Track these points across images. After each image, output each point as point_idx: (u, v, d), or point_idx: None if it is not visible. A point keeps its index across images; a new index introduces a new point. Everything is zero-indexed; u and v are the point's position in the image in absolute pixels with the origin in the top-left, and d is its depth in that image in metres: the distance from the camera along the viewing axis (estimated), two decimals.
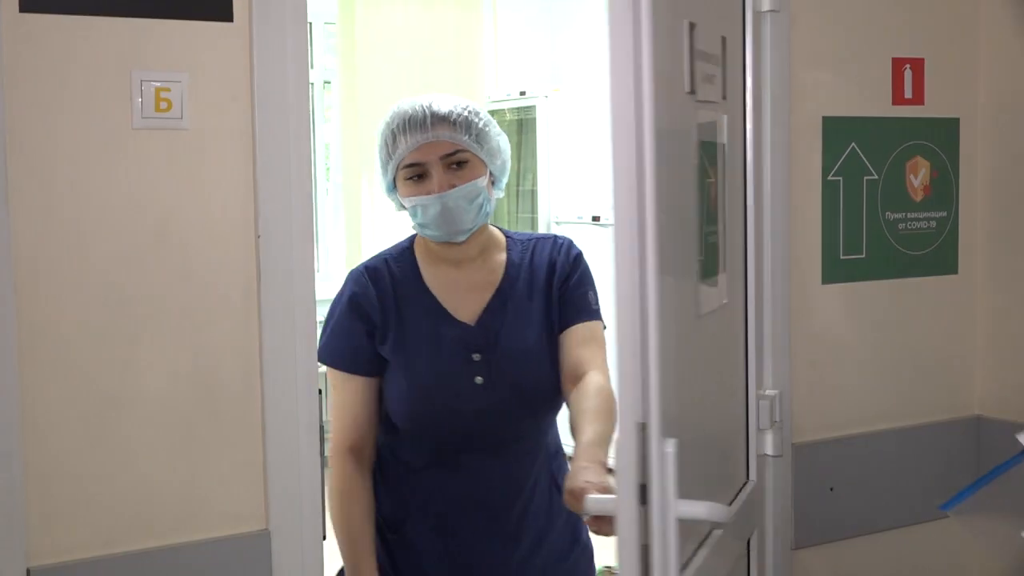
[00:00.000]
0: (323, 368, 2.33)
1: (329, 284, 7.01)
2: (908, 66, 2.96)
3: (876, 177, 2.94)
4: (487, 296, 2.26)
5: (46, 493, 2.17)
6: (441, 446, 2.25)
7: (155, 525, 2.26)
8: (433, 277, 2.28)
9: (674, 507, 1.59)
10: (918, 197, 3.01)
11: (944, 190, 3.04)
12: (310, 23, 5.08)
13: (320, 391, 2.43)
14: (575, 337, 2.22)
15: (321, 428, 2.42)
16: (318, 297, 2.42)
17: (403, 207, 2.27)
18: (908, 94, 2.97)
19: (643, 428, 1.59)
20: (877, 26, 2.93)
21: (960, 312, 3.10)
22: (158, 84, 2.22)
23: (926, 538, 3.06)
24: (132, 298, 2.22)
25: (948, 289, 3.08)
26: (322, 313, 2.35)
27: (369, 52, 6.93)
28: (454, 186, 2.19)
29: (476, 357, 2.22)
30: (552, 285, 2.26)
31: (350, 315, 2.27)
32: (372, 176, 7.00)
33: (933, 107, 3.01)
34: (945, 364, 3.09)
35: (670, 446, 1.56)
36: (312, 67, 6.97)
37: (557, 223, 6.79)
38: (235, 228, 2.30)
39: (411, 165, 2.22)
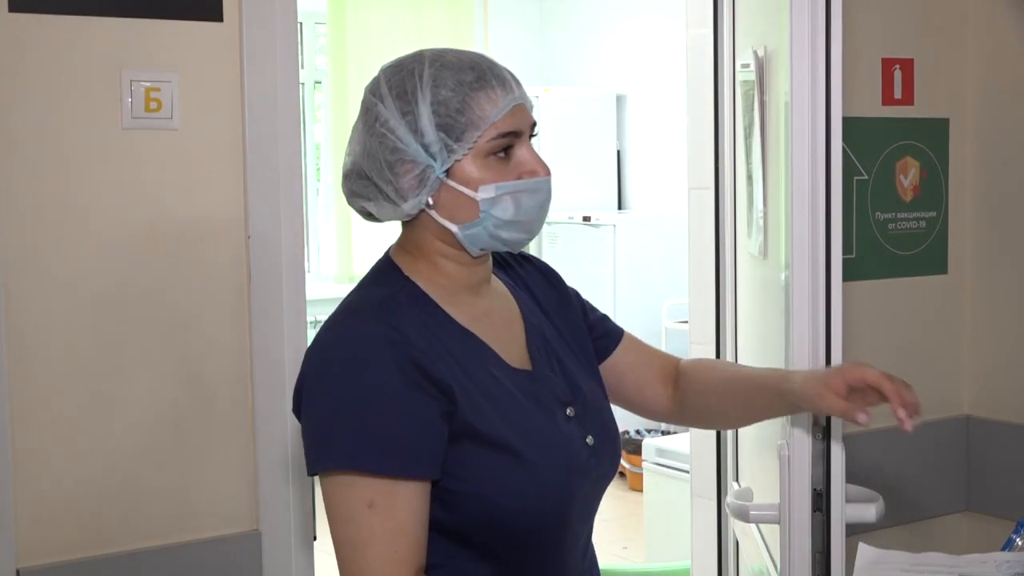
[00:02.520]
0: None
1: (320, 285, 7.02)
2: (897, 66, 2.97)
3: (866, 177, 2.94)
4: (519, 331, 1.67)
5: (36, 494, 2.16)
6: (541, 544, 1.58)
7: (145, 526, 2.25)
8: (460, 314, 1.60)
9: (843, 512, 1.62)
10: (908, 197, 3.01)
11: (934, 190, 3.05)
12: (300, 23, 5.07)
13: None
14: (631, 349, 1.82)
15: None
16: (308, 298, 2.42)
17: (423, 206, 1.56)
18: (898, 94, 2.97)
19: (824, 432, 1.63)
20: (866, 27, 2.93)
21: (949, 312, 3.10)
22: (148, 84, 2.22)
23: (917, 538, 3.07)
24: (122, 298, 2.22)
25: (937, 289, 3.08)
26: (312, 314, 2.32)
27: (359, 52, 6.92)
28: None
29: (570, 412, 1.62)
30: (568, 317, 1.76)
31: (406, 390, 1.48)
32: None
33: (922, 107, 3.01)
34: (934, 364, 3.10)
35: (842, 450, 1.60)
36: (302, 67, 6.96)
37: (548, 223, 6.79)
38: (225, 228, 2.30)
39: (507, 134, 1.54)
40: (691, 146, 3.06)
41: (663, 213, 6.49)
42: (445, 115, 1.51)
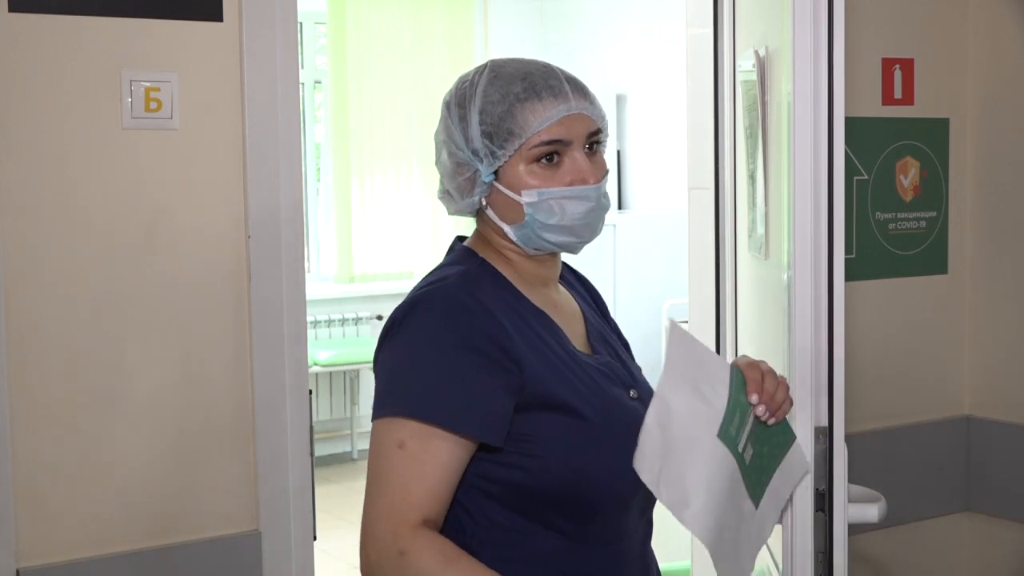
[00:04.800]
0: (316, 368, 2.13)
1: (320, 285, 7.02)
2: (898, 66, 2.97)
3: (866, 177, 2.94)
4: (582, 326, 1.78)
5: (36, 494, 2.16)
6: (607, 518, 1.67)
7: (145, 526, 2.25)
8: (533, 298, 1.71)
9: (846, 511, 1.62)
10: (908, 197, 3.01)
11: (934, 190, 3.05)
12: (300, 23, 5.07)
13: (310, 391, 2.42)
14: None
15: (311, 428, 2.42)
16: (308, 298, 2.42)
17: (477, 208, 1.69)
18: (898, 94, 2.97)
19: (826, 433, 1.63)
20: (867, 27, 2.93)
21: (950, 312, 3.10)
22: (148, 84, 2.21)
23: (915, 538, 3.07)
24: (122, 298, 2.22)
25: (938, 289, 3.08)
26: (312, 314, 2.33)
27: (360, 52, 6.92)
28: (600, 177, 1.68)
29: (633, 394, 1.72)
30: (608, 319, 1.89)
31: (469, 354, 1.58)
32: (363, 177, 7.00)
33: (923, 107, 3.01)
34: (935, 364, 3.10)
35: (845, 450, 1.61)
36: (302, 67, 6.96)
37: None
38: (225, 228, 2.30)
39: (550, 142, 1.64)
40: (691, 146, 3.06)
41: (663, 213, 6.49)
42: (489, 123, 1.64)
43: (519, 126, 1.63)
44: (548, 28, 7.49)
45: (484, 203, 1.68)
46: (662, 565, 1.74)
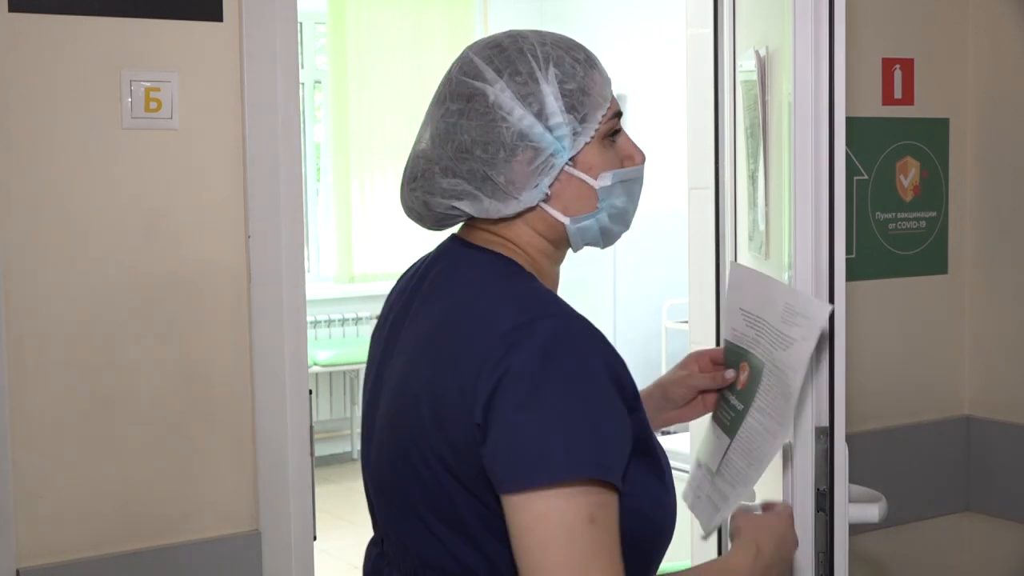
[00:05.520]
0: (316, 368, 1.98)
1: (320, 285, 7.02)
2: (898, 66, 2.97)
3: (866, 177, 2.94)
4: None
5: (35, 494, 2.16)
6: (654, 567, 1.47)
7: (145, 526, 2.25)
8: None
9: (847, 511, 1.62)
10: (908, 197, 3.01)
11: (934, 190, 3.05)
12: (300, 23, 5.07)
13: (310, 391, 2.42)
14: None
15: (311, 428, 2.42)
16: (308, 298, 2.41)
17: (543, 196, 1.40)
18: (898, 94, 2.97)
19: (826, 433, 1.64)
20: (867, 27, 2.93)
21: (950, 312, 3.10)
22: (148, 84, 2.21)
23: (915, 538, 3.07)
24: (122, 298, 2.22)
25: (938, 289, 3.08)
26: (312, 314, 2.33)
27: (360, 52, 6.93)
28: None
29: None
30: None
31: (616, 397, 1.32)
32: (363, 177, 7.00)
33: (923, 107, 3.01)
34: (935, 364, 3.10)
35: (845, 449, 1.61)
36: (302, 67, 6.96)
37: None
38: (225, 228, 2.30)
39: (619, 114, 1.45)
40: (691, 146, 3.06)
41: (663, 213, 6.49)
42: (570, 95, 1.38)
43: (600, 96, 1.40)
44: (548, 28, 7.48)
45: (548, 194, 1.39)
46: (662, 565, 1.75)
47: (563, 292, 1.47)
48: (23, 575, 2.15)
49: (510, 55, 1.40)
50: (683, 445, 3.92)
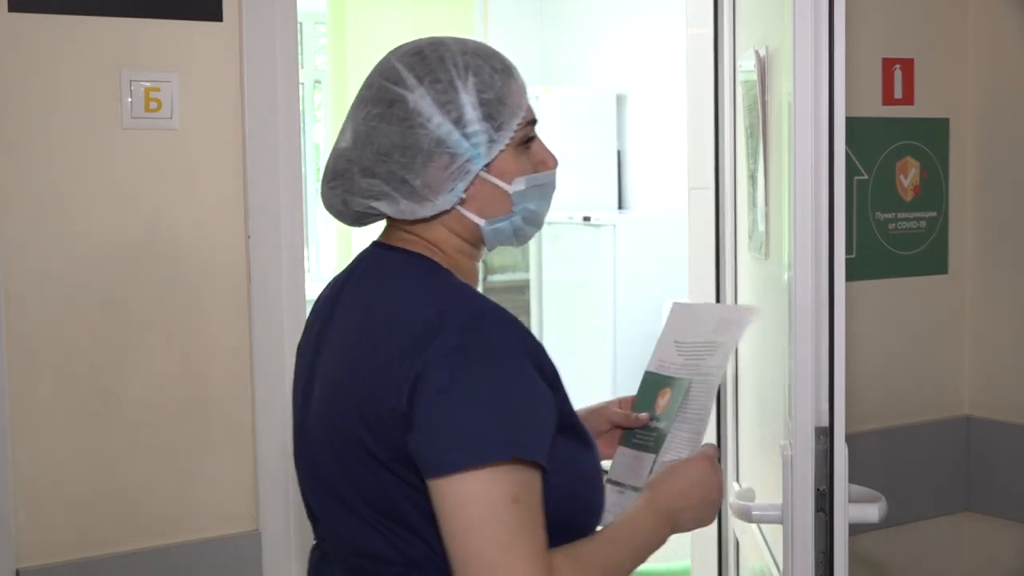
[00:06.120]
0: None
1: (320, 285, 7.00)
2: (898, 66, 2.97)
3: (866, 177, 2.94)
4: None
5: (35, 494, 2.16)
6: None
7: (145, 526, 2.25)
8: None
9: (846, 511, 1.63)
10: (908, 197, 3.01)
11: (934, 190, 3.05)
12: (300, 23, 5.07)
13: None
14: None
15: None
16: (308, 298, 2.41)
17: (456, 201, 1.47)
18: (898, 94, 2.97)
19: (826, 433, 1.65)
20: (867, 26, 2.93)
21: (950, 312, 3.10)
22: (148, 84, 2.22)
23: (915, 538, 3.07)
24: (122, 298, 2.22)
25: (938, 289, 3.08)
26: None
27: (360, 52, 6.92)
28: None
29: None
30: None
31: (535, 378, 1.39)
32: None
33: (923, 107, 3.01)
34: (935, 364, 3.10)
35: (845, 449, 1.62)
36: (302, 67, 6.96)
37: (548, 223, 6.78)
38: (225, 228, 2.30)
39: (533, 121, 1.52)
40: (691, 146, 3.06)
41: (663, 213, 6.49)
42: (487, 104, 1.44)
43: (515, 105, 1.46)
44: (548, 28, 7.49)
45: (463, 198, 1.46)
46: (662, 565, 1.75)
47: (563, 292, 1.49)
48: (23, 575, 2.15)
49: (431, 63, 1.45)
50: None
